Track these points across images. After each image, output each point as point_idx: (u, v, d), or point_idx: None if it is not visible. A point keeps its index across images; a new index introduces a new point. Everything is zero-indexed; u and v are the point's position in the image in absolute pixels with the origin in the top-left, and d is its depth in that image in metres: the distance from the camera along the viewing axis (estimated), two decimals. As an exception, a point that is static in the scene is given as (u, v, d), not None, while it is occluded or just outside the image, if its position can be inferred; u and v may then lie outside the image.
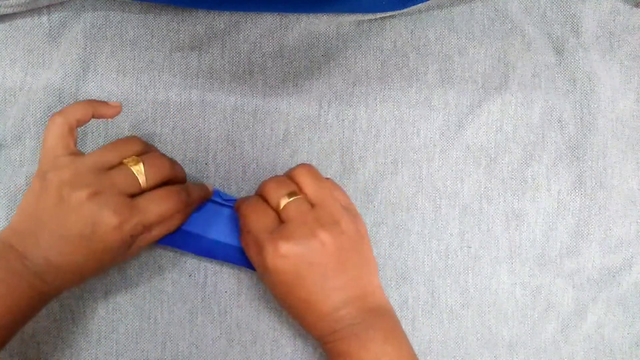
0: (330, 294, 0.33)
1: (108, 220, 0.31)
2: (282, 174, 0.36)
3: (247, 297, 0.41)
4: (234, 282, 0.41)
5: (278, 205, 0.34)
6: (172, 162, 0.36)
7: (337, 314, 0.33)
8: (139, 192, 0.33)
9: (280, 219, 0.34)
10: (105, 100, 0.41)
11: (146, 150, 0.35)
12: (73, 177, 0.32)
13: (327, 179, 0.36)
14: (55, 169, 0.32)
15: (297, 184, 0.35)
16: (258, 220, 0.34)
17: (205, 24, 0.42)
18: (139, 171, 0.33)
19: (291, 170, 0.36)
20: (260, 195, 0.35)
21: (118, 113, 0.36)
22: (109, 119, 0.37)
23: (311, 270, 0.32)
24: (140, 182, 0.33)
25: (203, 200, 0.38)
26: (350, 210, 0.35)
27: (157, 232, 0.35)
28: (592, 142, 0.43)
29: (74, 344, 0.40)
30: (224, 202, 0.38)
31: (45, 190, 0.32)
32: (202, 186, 0.38)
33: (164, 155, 0.36)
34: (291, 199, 0.34)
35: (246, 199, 0.37)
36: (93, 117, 0.35)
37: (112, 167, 0.33)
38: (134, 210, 0.32)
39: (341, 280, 0.33)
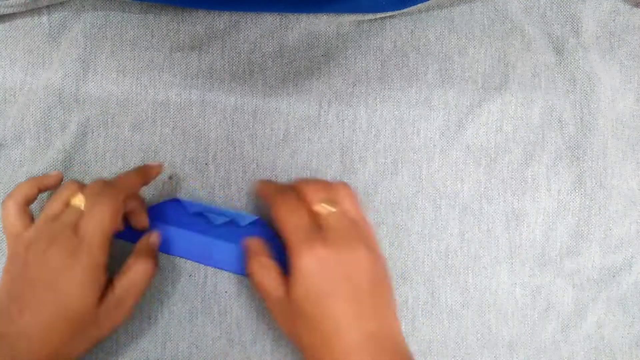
0: (362, 319, 0.31)
1: (65, 261, 0.32)
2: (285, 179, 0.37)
3: (247, 297, 0.41)
4: (234, 282, 0.41)
5: (314, 207, 0.33)
6: (108, 182, 0.36)
7: (364, 344, 0.31)
8: None
9: (318, 224, 0.33)
10: (105, 100, 0.41)
11: (83, 185, 0.36)
12: (33, 237, 0.33)
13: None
14: (21, 244, 0.34)
15: (335, 195, 0.34)
16: (294, 217, 0.33)
17: (205, 24, 0.42)
18: (81, 201, 0.34)
19: (330, 182, 0.35)
20: (296, 191, 0.35)
21: (61, 179, 0.38)
22: (53, 189, 0.38)
23: (347, 285, 0.31)
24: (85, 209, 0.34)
25: (135, 185, 0.37)
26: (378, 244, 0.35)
27: (121, 284, 0.35)
28: (592, 142, 0.43)
29: (74, 344, 0.40)
30: (191, 215, 0.39)
31: (14, 262, 0.34)
32: (139, 169, 0.38)
33: (100, 180, 0.36)
34: (334, 209, 0.33)
35: (278, 190, 0.35)
36: (39, 191, 0.37)
37: (61, 213, 0.34)
38: (80, 238, 0.33)
39: (373, 307, 0.32)
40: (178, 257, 0.41)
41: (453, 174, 0.43)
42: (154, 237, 0.38)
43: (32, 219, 0.36)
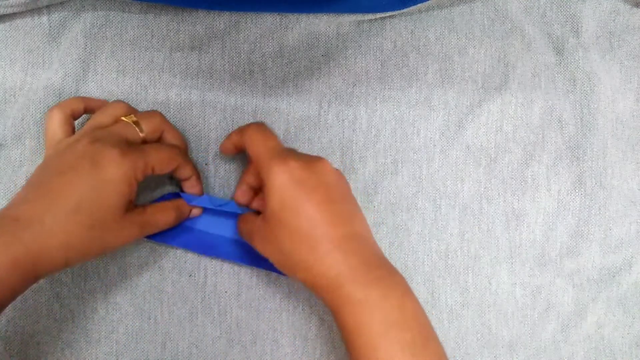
0: (337, 219, 0.32)
1: (109, 152, 0.32)
2: None
3: (247, 297, 0.41)
4: (234, 282, 0.41)
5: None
6: (164, 118, 0.38)
7: (344, 243, 0.32)
8: (139, 143, 0.35)
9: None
10: (105, 100, 0.41)
11: (135, 110, 0.38)
12: (74, 138, 0.34)
13: None
14: (62, 144, 0.34)
15: None
16: (266, 140, 0.35)
17: (205, 24, 0.42)
18: (135, 122, 0.35)
19: None
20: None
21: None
22: None
23: (318, 189, 0.33)
24: (138, 131, 0.35)
25: (193, 172, 0.39)
26: None
27: (152, 211, 0.36)
28: (592, 142, 0.43)
29: (74, 344, 0.40)
30: (217, 208, 0.39)
31: (50, 159, 0.34)
32: (193, 167, 0.39)
33: (155, 111, 0.38)
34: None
35: (249, 124, 0.38)
36: (85, 111, 0.38)
37: (110, 124, 0.35)
38: (135, 147, 0.34)
39: (346, 209, 0.33)
40: (178, 257, 0.41)
41: (453, 174, 0.43)
42: (195, 211, 0.39)
43: (74, 131, 0.36)
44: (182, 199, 0.39)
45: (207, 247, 0.40)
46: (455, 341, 0.42)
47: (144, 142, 0.36)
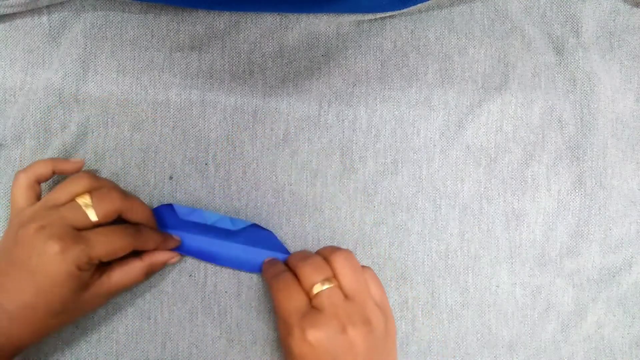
0: None
1: (50, 248, 0.32)
2: (315, 249, 0.38)
3: (247, 297, 0.41)
4: (234, 282, 0.41)
5: (311, 289, 0.34)
6: (125, 196, 0.36)
7: None
8: (90, 227, 0.34)
9: (312, 304, 0.34)
10: (105, 100, 0.41)
11: (98, 185, 0.35)
12: (28, 218, 0.34)
13: (366, 268, 0.36)
14: (18, 219, 0.34)
15: (333, 269, 0.35)
16: (289, 300, 0.34)
17: (205, 24, 0.42)
18: (87, 205, 0.34)
19: (330, 253, 0.35)
20: (295, 273, 0.35)
21: (79, 168, 0.38)
22: (69, 174, 0.38)
23: None
24: (90, 215, 0.34)
25: (157, 245, 0.38)
26: (382, 307, 0.35)
27: (118, 278, 0.36)
28: (592, 142, 0.43)
29: (74, 344, 0.40)
30: (211, 224, 0.39)
31: (6, 238, 0.34)
32: (161, 235, 0.38)
33: (116, 188, 0.37)
34: (325, 287, 0.34)
35: (278, 275, 0.36)
36: (54, 173, 0.37)
37: (62, 204, 0.34)
38: (79, 239, 0.33)
39: None
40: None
41: (453, 174, 0.43)
42: (173, 260, 0.39)
43: (38, 197, 0.36)
44: (153, 254, 0.38)
45: (202, 257, 0.40)
46: (455, 341, 0.42)
47: (98, 224, 0.35)
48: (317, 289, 0.34)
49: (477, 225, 0.43)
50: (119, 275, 0.36)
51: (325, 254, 0.36)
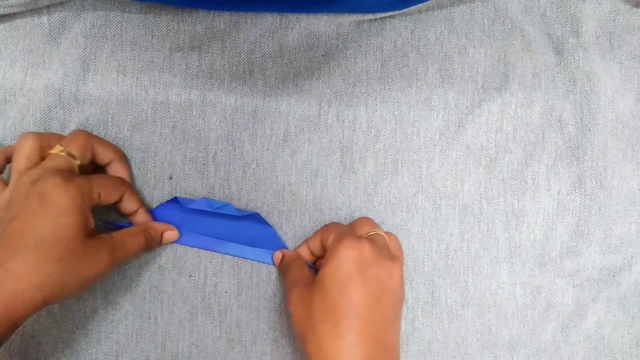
0: (379, 319, 0.33)
1: (52, 181, 0.32)
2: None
3: (247, 297, 0.41)
4: (234, 282, 0.41)
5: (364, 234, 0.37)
6: (88, 133, 0.37)
7: (365, 345, 0.32)
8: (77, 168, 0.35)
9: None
10: (105, 100, 0.41)
11: (45, 136, 0.36)
12: (13, 187, 0.34)
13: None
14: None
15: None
16: (346, 227, 0.38)
17: (205, 24, 0.42)
18: (60, 150, 0.35)
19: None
20: (352, 226, 0.39)
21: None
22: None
23: (373, 285, 0.33)
24: (70, 158, 0.34)
25: (141, 204, 0.38)
26: None
27: (119, 237, 0.35)
28: (592, 142, 0.43)
29: (74, 344, 0.40)
30: (215, 211, 0.39)
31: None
32: (139, 199, 0.39)
33: (78, 131, 0.37)
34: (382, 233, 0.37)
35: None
36: (8, 161, 0.37)
37: (37, 164, 0.34)
38: (77, 175, 0.34)
39: (389, 315, 0.34)
40: (178, 257, 0.41)
41: (453, 174, 0.43)
42: (169, 234, 0.39)
43: (4, 184, 0.36)
44: (153, 221, 0.39)
45: (206, 246, 0.40)
46: (455, 341, 0.42)
47: (84, 170, 0.36)
48: (371, 232, 0.37)
49: (477, 225, 0.43)
50: (121, 234, 0.35)
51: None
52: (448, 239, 0.42)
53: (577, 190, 0.43)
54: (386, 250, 0.36)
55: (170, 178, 0.41)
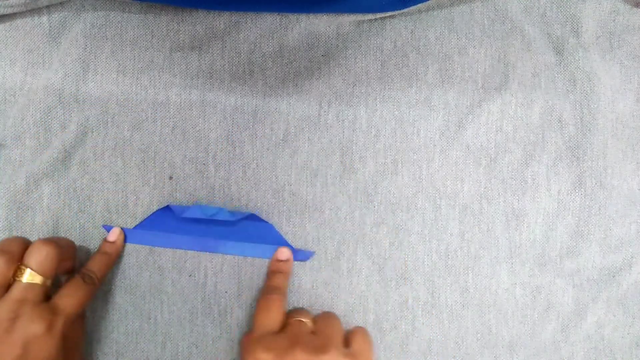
0: None
1: (36, 329, 0.32)
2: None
3: (247, 297, 0.41)
4: (234, 282, 0.41)
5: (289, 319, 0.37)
6: (46, 242, 0.35)
7: None
8: (49, 289, 0.34)
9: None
10: (105, 100, 0.41)
11: (23, 245, 0.35)
12: None
13: (361, 328, 0.38)
14: None
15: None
16: (253, 327, 0.37)
17: (205, 24, 0.42)
18: (31, 274, 0.33)
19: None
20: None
21: None
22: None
23: None
24: (39, 281, 0.34)
25: (107, 268, 0.39)
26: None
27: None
28: (592, 142, 0.43)
29: (74, 344, 0.40)
30: (209, 218, 0.39)
31: None
32: (98, 257, 0.39)
33: (27, 243, 0.35)
34: (299, 319, 0.36)
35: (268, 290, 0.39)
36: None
37: (6, 292, 0.33)
38: (52, 310, 0.33)
39: None
40: (178, 257, 0.41)
41: (453, 174, 0.43)
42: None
43: None
44: (123, 233, 0.40)
45: (205, 248, 0.40)
46: (455, 341, 0.42)
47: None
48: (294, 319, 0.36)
49: (477, 225, 0.43)
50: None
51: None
52: (448, 239, 0.42)
53: (577, 190, 0.43)
54: (289, 340, 0.34)
55: (170, 178, 0.41)
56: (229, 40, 0.42)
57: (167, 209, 0.40)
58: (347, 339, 0.36)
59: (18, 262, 0.34)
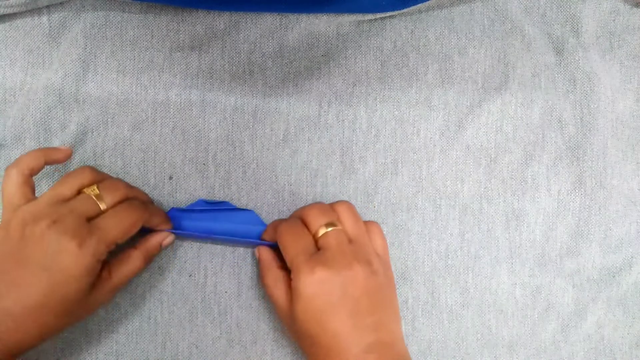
0: (361, 332, 0.32)
1: (67, 244, 0.31)
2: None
3: (247, 297, 0.41)
4: (234, 283, 0.41)
5: (317, 232, 0.35)
6: (128, 185, 0.37)
7: (364, 356, 0.32)
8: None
9: (317, 246, 0.35)
10: (105, 100, 0.41)
11: (100, 178, 0.36)
12: (32, 214, 0.32)
13: (373, 222, 0.38)
14: (17, 217, 0.33)
15: (337, 214, 0.36)
16: (296, 242, 0.35)
17: (205, 24, 0.42)
18: (97, 195, 0.34)
19: (333, 203, 0.38)
20: (300, 218, 0.36)
21: (69, 155, 0.37)
22: (61, 163, 0.38)
23: (344, 302, 0.33)
24: (100, 205, 0.34)
25: (162, 220, 0.38)
26: (383, 257, 0.37)
27: (118, 270, 0.35)
28: (592, 142, 0.43)
29: (74, 344, 0.40)
30: (213, 208, 0.39)
31: (7, 236, 0.33)
32: (163, 212, 0.38)
33: (119, 179, 0.37)
34: (330, 229, 0.35)
35: (284, 220, 0.38)
36: (46, 163, 0.36)
37: (69, 198, 0.34)
38: (92, 229, 0.32)
39: (372, 319, 0.33)
40: (178, 257, 0.41)
41: (453, 174, 0.43)
42: (167, 240, 0.38)
43: (33, 191, 0.35)
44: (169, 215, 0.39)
45: (206, 235, 0.40)
46: (455, 341, 0.42)
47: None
48: (322, 230, 0.35)
49: (477, 225, 0.43)
50: (119, 267, 0.35)
51: (329, 204, 0.38)
52: (448, 239, 0.42)
53: (577, 190, 0.43)
54: (338, 253, 0.34)
55: (170, 178, 0.41)
56: (229, 40, 0.42)
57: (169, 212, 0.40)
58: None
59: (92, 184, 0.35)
